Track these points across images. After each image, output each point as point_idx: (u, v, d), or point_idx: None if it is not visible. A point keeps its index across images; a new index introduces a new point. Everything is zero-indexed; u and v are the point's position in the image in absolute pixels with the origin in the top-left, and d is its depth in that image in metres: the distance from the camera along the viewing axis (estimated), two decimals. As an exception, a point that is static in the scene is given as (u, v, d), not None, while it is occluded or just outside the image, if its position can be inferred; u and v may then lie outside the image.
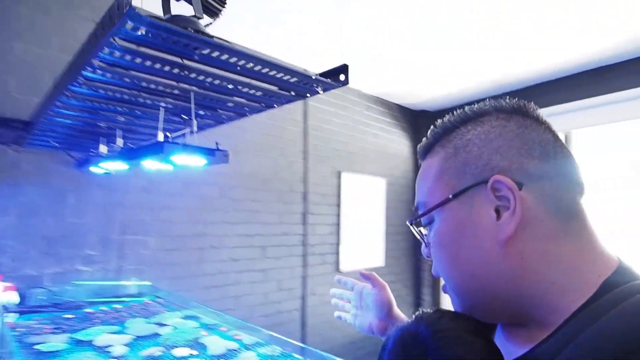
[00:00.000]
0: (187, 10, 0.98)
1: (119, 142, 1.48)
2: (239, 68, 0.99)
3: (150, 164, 1.31)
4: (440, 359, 0.43)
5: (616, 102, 2.92)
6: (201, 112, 1.36)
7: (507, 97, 0.53)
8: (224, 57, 0.92)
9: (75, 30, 2.12)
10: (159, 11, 1.03)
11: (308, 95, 1.17)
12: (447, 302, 4.08)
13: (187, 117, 1.33)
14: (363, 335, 2.23)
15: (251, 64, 0.96)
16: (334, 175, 3.54)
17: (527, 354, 0.44)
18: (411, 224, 0.57)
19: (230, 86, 1.12)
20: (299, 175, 3.29)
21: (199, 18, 0.97)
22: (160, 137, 1.15)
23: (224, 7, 1.05)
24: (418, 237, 0.58)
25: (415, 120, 4.36)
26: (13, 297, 1.77)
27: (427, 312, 0.50)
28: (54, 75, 1.31)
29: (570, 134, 3.35)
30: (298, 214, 3.26)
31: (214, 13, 1.04)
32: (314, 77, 1.02)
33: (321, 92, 1.11)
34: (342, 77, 1.02)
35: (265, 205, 3.04)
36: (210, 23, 1.04)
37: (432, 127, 0.56)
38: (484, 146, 0.49)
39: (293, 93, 1.17)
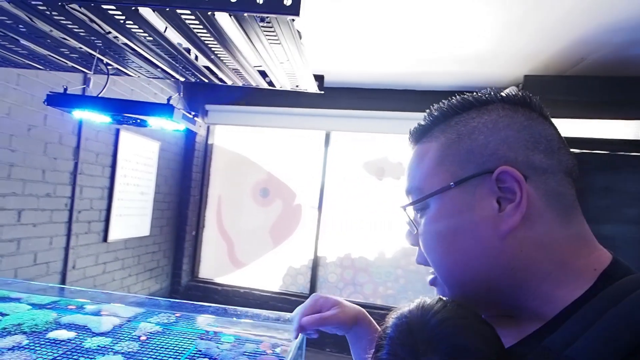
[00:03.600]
0: None
1: None
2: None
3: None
4: (451, 346, 0.41)
5: (372, 117, 3.88)
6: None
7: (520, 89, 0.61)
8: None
9: None
10: None
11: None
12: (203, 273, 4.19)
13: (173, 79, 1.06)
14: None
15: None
16: (111, 131, 3.07)
17: (533, 344, 0.43)
18: (404, 209, 0.54)
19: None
20: (70, 126, 2.69)
21: None
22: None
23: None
24: (408, 222, 0.55)
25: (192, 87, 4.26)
26: None
27: (428, 300, 0.48)
28: None
29: (330, 133, 4.15)
30: (66, 173, 2.68)
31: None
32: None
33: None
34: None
35: (24, 158, 2.35)
36: None
37: (428, 111, 0.54)
38: (491, 135, 0.48)
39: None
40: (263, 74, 1.29)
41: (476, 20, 2.40)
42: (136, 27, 0.99)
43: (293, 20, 0.86)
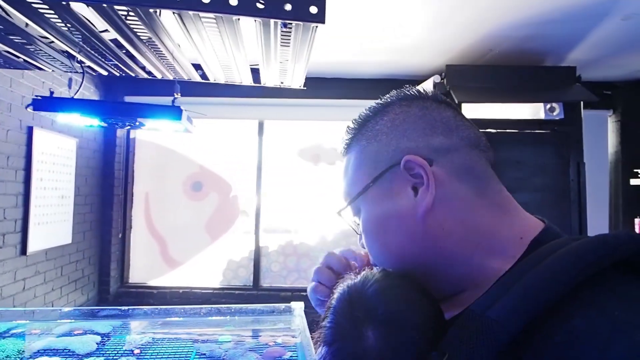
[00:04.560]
0: None
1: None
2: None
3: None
4: (386, 312, 0.43)
5: (305, 105, 3.90)
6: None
7: (408, 85, 0.58)
8: None
9: None
10: None
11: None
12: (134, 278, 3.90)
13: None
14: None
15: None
16: (22, 130, 2.68)
17: (463, 311, 0.45)
18: (339, 215, 0.58)
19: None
20: (-25, 125, 2.30)
21: None
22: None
23: None
24: (352, 228, 0.59)
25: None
26: None
27: (372, 271, 0.50)
28: None
29: (263, 122, 4.08)
30: (-27, 180, 2.29)
31: None
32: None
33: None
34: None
35: None
36: None
37: (347, 125, 0.58)
38: (391, 132, 0.52)
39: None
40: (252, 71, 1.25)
41: (408, 14, 2.57)
42: (142, 27, 0.89)
43: (317, 27, 0.86)
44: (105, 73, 1.47)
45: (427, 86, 3.05)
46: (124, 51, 1.11)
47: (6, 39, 1.21)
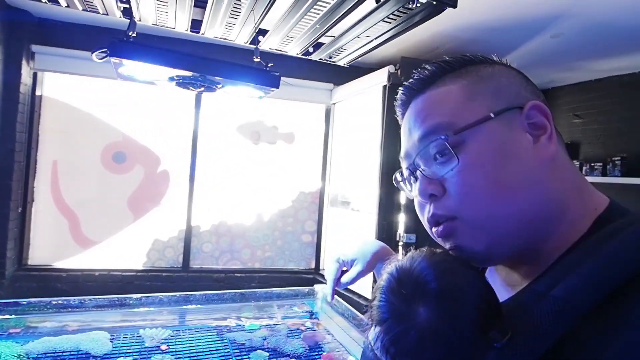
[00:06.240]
0: None
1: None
2: None
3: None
4: (437, 288, 0.43)
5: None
6: None
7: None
8: None
9: None
10: None
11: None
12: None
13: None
14: None
15: None
16: None
17: (524, 289, 0.45)
18: (446, 140, 0.48)
19: None
20: None
21: None
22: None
23: None
24: (424, 172, 0.51)
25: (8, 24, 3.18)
26: None
27: (419, 250, 0.49)
28: None
29: (201, 94, 3.77)
30: None
31: None
32: None
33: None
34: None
35: None
36: None
37: (427, 65, 0.54)
38: (511, 78, 0.51)
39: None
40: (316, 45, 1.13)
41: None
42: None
43: (444, 9, 0.83)
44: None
45: (382, 75, 3.15)
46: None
47: None
